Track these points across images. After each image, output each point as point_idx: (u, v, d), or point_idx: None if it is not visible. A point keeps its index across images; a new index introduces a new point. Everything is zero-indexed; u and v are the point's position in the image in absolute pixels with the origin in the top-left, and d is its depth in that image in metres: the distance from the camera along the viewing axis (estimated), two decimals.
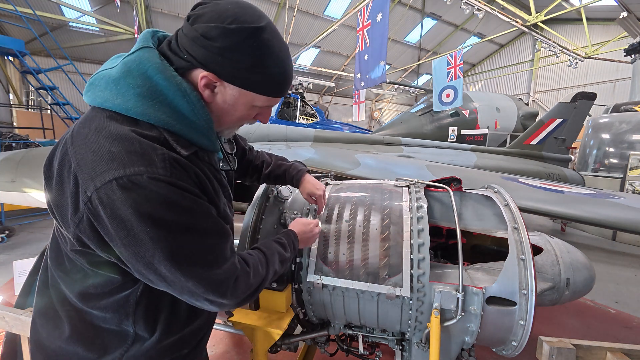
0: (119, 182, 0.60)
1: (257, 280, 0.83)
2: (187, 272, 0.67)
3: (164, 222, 0.64)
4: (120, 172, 0.61)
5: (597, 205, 2.62)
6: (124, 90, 0.67)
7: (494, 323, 1.21)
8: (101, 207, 0.61)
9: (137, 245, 0.63)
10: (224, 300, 0.73)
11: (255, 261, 0.86)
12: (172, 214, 0.65)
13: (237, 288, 0.76)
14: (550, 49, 10.54)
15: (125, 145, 0.63)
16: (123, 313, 0.75)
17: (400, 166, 3.86)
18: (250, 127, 4.51)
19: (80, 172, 0.63)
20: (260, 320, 1.29)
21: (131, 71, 0.68)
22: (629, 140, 6.42)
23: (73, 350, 0.76)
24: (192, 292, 0.69)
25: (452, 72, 7.24)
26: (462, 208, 1.50)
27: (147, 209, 0.62)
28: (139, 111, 0.67)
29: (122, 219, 0.61)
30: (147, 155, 0.64)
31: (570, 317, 2.96)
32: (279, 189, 1.52)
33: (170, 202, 0.65)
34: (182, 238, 0.66)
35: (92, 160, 0.62)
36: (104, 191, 0.61)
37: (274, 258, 0.93)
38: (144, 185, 0.62)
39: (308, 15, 14.88)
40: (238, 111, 0.79)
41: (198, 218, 0.70)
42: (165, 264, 0.64)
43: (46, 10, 10.40)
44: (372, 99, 22.70)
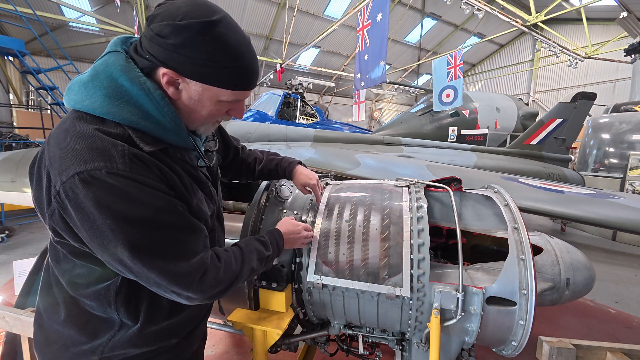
0: (80, 176, 0.64)
1: (229, 276, 0.84)
2: (148, 264, 0.69)
3: (123, 214, 0.66)
4: (82, 167, 0.65)
5: (597, 205, 2.62)
6: (92, 92, 0.71)
7: (494, 323, 1.21)
8: (67, 201, 0.66)
9: (100, 236, 0.66)
10: (189, 293, 0.75)
11: (229, 257, 0.86)
12: (131, 207, 0.67)
13: (203, 282, 0.77)
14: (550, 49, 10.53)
15: (88, 142, 0.67)
16: (105, 302, 0.78)
17: (400, 166, 3.86)
18: (250, 127, 4.51)
19: (51, 169, 0.68)
20: (260, 320, 1.29)
21: (98, 74, 0.73)
22: (629, 140, 6.43)
23: (67, 333, 0.81)
24: (158, 283, 0.72)
25: (452, 72, 7.23)
26: (462, 208, 1.50)
27: (106, 202, 0.65)
28: (105, 110, 0.71)
29: (85, 211, 0.65)
30: (107, 152, 0.67)
31: (570, 317, 2.96)
32: (278, 189, 1.52)
33: (129, 196, 0.67)
34: (142, 231, 0.69)
35: (59, 157, 0.67)
36: (68, 185, 0.65)
37: (251, 255, 0.94)
38: (102, 179, 0.65)
39: (308, 15, 14.88)
40: (205, 107, 0.80)
41: (159, 212, 0.71)
42: (127, 255, 0.67)
43: (46, 10, 10.40)
44: (372, 99, 22.70)
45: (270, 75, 15.21)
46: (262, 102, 9.81)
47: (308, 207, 1.49)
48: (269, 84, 15.70)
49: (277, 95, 9.67)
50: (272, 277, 1.34)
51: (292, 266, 1.39)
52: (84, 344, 0.80)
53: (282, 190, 1.51)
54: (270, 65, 15.78)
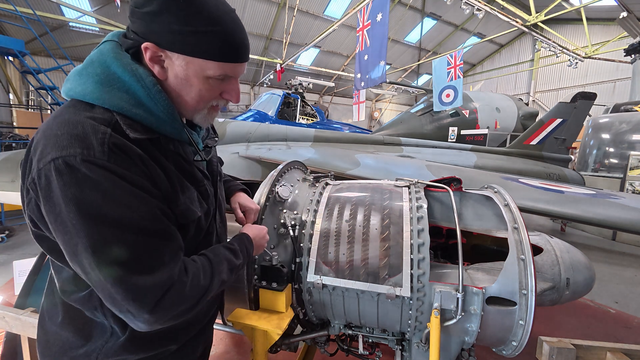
0: (55, 163, 0.60)
1: (196, 293, 0.72)
2: (106, 271, 0.61)
3: (88, 209, 0.60)
4: (58, 153, 0.61)
5: (597, 205, 2.62)
6: (85, 79, 0.70)
7: (494, 323, 1.21)
8: (39, 188, 0.63)
9: (63, 231, 0.62)
10: (146, 314, 0.64)
11: (197, 270, 0.75)
12: (100, 201, 0.61)
13: (165, 300, 0.65)
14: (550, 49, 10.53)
15: (70, 128, 0.64)
16: (91, 307, 0.75)
17: (400, 166, 3.86)
18: (250, 127, 4.51)
19: (34, 155, 0.65)
20: (260, 320, 1.29)
21: (92, 62, 0.72)
22: (629, 140, 6.43)
23: (65, 335, 0.79)
24: (113, 297, 0.63)
25: (452, 72, 7.23)
26: (462, 208, 1.50)
27: (74, 192, 0.60)
28: (95, 96, 0.69)
29: (53, 201, 0.61)
30: (87, 138, 0.63)
31: (570, 317, 2.96)
32: (278, 189, 1.52)
33: (100, 189, 0.61)
34: (106, 231, 0.61)
35: (42, 144, 0.64)
36: (43, 172, 0.62)
37: (221, 266, 0.82)
38: (76, 167, 0.60)
39: (308, 15, 14.88)
40: (194, 85, 0.74)
41: (131, 212, 0.64)
42: (85, 255, 0.61)
43: (46, 10, 10.40)
44: (372, 99, 22.70)
45: (270, 75, 15.20)
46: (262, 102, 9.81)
47: (309, 208, 1.49)
48: (269, 84, 15.70)
49: (277, 95, 9.68)
50: (272, 277, 1.34)
51: (292, 266, 1.38)
52: (79, 347, 0.78)
53: (282, 190, 1.51)
54: (270, 65, 15.79)
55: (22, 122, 9.80)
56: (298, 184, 1.64)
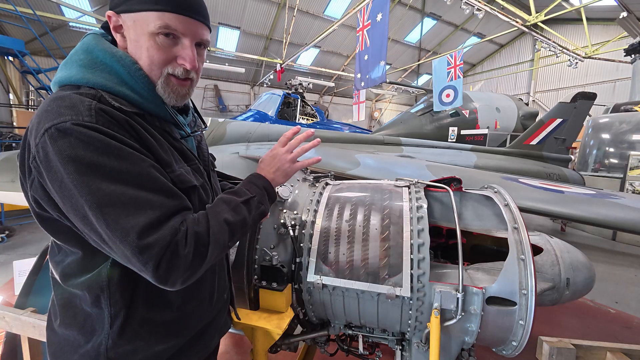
0: (49, 132, 0.63)
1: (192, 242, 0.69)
2: (114, 225, 0.63)
3: (86, 167, 0.63)
4: (49, 123, 0.64)
5: (597, 205, 2.62)
6: (69, 66, 0.75)
7: (494, 323, 1.21)
8: (39, 161, 0.64)
9: (69, 195, 0.63)
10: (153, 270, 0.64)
11: (192, 221, 0.73)
12: (96, 158, 0.63)
13: (167, 256, 0.66)
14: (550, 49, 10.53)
15: (58, 102, 0.67)
16: (97, 289, 0.73)
17: (400, 166, 3.86)
18: (250, 127, 4.50)
19: (30, 137, 0.67)
20: (260, 320, 1.29)
21: (77, 51, 0.77)
22: (629, 140, 6.43)
23: (70, 334, 0.78)
24: (125, 254, 0.64)
25: (452, 72, 7.23)
26: (462, 208, 1.50)
27: (68, 153, 0.62)
28: (79, 77, 0.72)
29: (54, 169, 0.63)
30: (75, 107, 0.66)
31: (570, 317, 2.96)
32: (278, 189, 1.52)
33: (94, 147, 0.64)
34: (107, 185, 0.63)
35: (36, 124, 0.66)
36: (40, 145, 0.64)
37: (217, 208, 0.80)
38: (68, 131, 0.63)
39: (308, 15, 14.88)
40: (143, 46, 0.74)
41: (127, 165, 0.66)
42: (93, 214, 0.63)
43: (46, 10, 10.39)
44: (372, 99, 22.69)
45: (270, 75, 15.20)
46: (262, 102, 9.82)
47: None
48: (269, 84, 15.70)
49: (277, 95, 9.68)
50: (272, 277, 1.34)
51: (292, 266, 1.39)
52: (86, 343, 0.76)
53: (282, 190, 1.51)
54: (270, 65, 15.79)
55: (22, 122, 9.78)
56: (298, 184, 1.64)
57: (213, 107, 16.83)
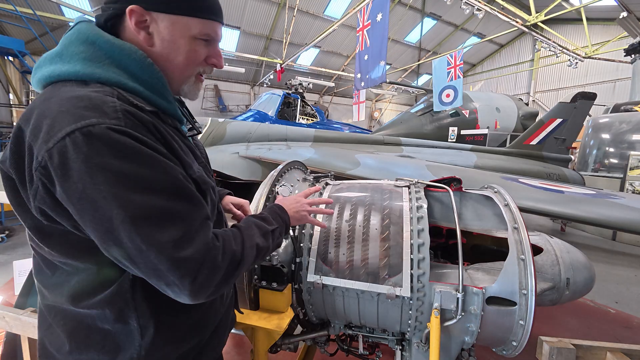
0: (71, 137, 0.55)
1: (229, 259, 0.70)
2: (148, 239, 0.58)
3: (118, 176, 0.57)
4: (71, 127, 0.56)
5: (597, 205, 2.62)
6: (68, 59, 0.66)
7: (494, 323, 1.21)
8: (52, 169, 0.56)
9: (93, 207, 0.56)
10: (189, 284, 0.61)
11: (227, 236, 0.73)
12: (128, 167, 0.58)
13: (204, 269, 0.64)
14: (550, 49, 10.52)
15: (74, 102, 0.59)
16: (121, 303, 0.68)
17: (400, 166, 3.86)
18: (250, 127, 4.51)
19: (35, 141, 0.58)
20: (260, 320, 1.29)
21: (72, 42, 0.67)
22: (629, 140, 6.43)
23: (86, 358, 0.70)
24: (157, 269, 0.59)
25: (452, 72, 7.24)
26: (462, 208, 1.50)
27: (98, 162, 0.56)
28: (88, 72, 0.64)
29: (73, 179, 0.55)
30: (98, 108, 0.59)
31: (570, 317, 2.96)
32: (278, 189, 1.52)
33: (126, 154, 0.58)
34: (141, 196, 0.59)
35: (45, 125, 0.58)
36: (56, 151, 0.56)
37: (250, 231, 0.80)
38: (95, 136, 0.56)
39: (308, 15, 14.87)
40: (180, 48, 0.73)
41: (159, 174, 0.62)
42: (124, 227, 0.57)
43: (46, 10, 10.39)
44: (372, 99, 22.69)
45: (270, 75, 15.20)
46: (262, 102, 9.82)
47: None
48: (269, 84, 15.70)
49: (277, 95, 9.69)
50: (272, 277, 1.34)
51: (292, 266, 1.39)
52: None
53: (282, 190, 1.51)
54: (270, 65, 15.79)
55: None
56: (298, 184, 1.64)
57: (213, 107, 16.83)
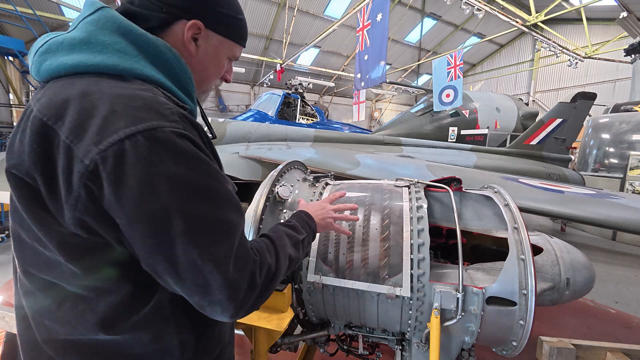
0: (132, 140, 0.50)
1: (266, 273, 0.66)
2: (205, 252, 0.54)
3: (181, 184, 0.53)
4: (132, 129, 0.51)
5: (597, 205, 2.62)
6: (100, 48, 0.58)
7: (494, 323, 1.21)
8: (104, 175, 0.50)
9: (148, 217, 0.51)
10: (236, 301, 0.57)
11: (262, 248, 0.69)
12: (190, 174, 0.55)
13: (252, 283, 0.60)
14: (550, 49, 10.51)
15: (126, 101, 0.54)
16: (161, 319, 0.63)
17: (400, 166, 3.86)
18: (250, 127, 4.51)
19: (77, 142, 0.51)
20: (260, 320, 1.29)
21: (100, 29, 0.59)
22: (629, 140, 6.42)
23: None
24: (207, 285, 0.55)
25: (452, 72, 7.24)
26: (462, 208, 1.50)
27: (162, 168, 0.52)
28: (127, 67, 0.58)
29: (129, 186, 0.50)
30: (155, 109, 0.55)
31: (570, 317, 2.96)
32: (278, 189, 1.52)
33: (185, 160, 0.55)
34: (202, 206, 0.55)
35: (93, 125, 0.51)
36: (110, 155, 0.50)
37: (282, 241, 0.77)
38: (159, 141, 0.52)
39: (308, 15, 14.87)
40: (219, 64, 0.78)
41: (216, 183, 0.59)
42: (181, 240, 0.52)
43: (46, 10, 10.40)
44: (372, 99, 22.69)
45: (270, 75, 15.20)
46: (262, 102, 9.82)
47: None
48: (269, 84, 15.70)
49: (277, 95, 9.68)
50: None
51: None
52: None
53: (282, 190, 1.51)
54: (270, 65, 15.79)
55: None
56: (298, 184, 1.64)
57: (213, 107, 16.83)
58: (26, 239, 0.59)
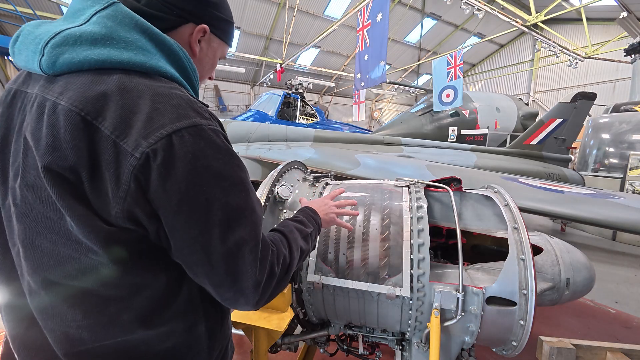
0: (177, 135, 0.54)
1: (282, 263, 0.70)
2: (241, 240, 0.59)
3: (220, 177, 0.58)
4: (177, 125, 0.55)
5: (597, 205, 2.62)
6: (125, 44, 0.58)
7: (494, 323, 1.21)
8: (153, 168, 0.53)
9: (191, 209, 0.55)
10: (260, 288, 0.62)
11: (275, 240, 0.74)
12: (226, 167, 0.60)
13: (272, 272, 0.65)
14: (550, 49, 10.52)
15: (166, 99, 0.57)
16: (192, 309, 0.67)
17: (400, 166, 3.86)
18: (250, 127, 4.51)
19: (124, 137, 0.52)
20: (260, 320, 1.29)
21: (119, 25, 0.59)
22: (629, 140, 6.42)
23: None
24: (237, 274, 0.59)
25: (452, 72, 7.24)
26: (462, 208, 1.50)
27: (204, 162, 0.56)
28: (153, 64, 0.60)
29: (177, 178, 0.54)
30: (193, 107, 0.59)
31: (570, 317, 2.96)
32: (278, 189, 1.52)
33: (224, 154, 0.60)
34: (237, 197, 0.60)
35: (139, 121, 0.53)
36: (160, 147, 0.53)
37: (294, 234, 0.81)
38: (200, 136, 0.56)
39: (308, 15, 14.87)
40: (213, 65, 0.83)
41: (244, 175, 0.64)
42: (221, 229, 0.57)
43: (46, 10, 10.40)
44: (372, 99, 22.69)
45: (270, 75, 15.20)
46: (262, 102, 9.82)
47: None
48: (269, 84, 15.70)
49: (277, 95, 9.69)
50: None
51: None
52: None
53: (282, 190, 1.51)
54: (270, 65, 15.79)
55: None
56: (298, 184, 1.64)
57: (213, 107, 16.83)
58: (48, 245, 0.57)
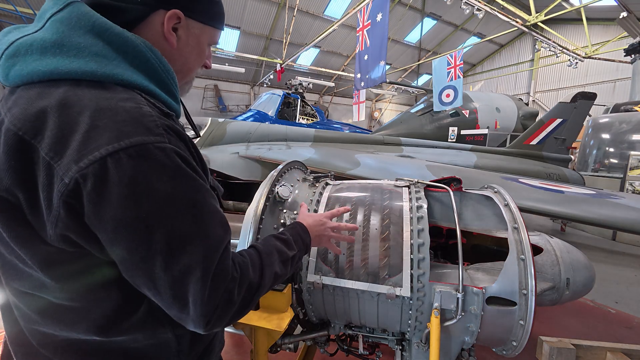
0: (114, 157, 0.49)
1: (246, 289, 0.64)
2: (185, 269, 0.54)
3: (165, 202, 0.53)
4: (115, 146, 0.49)
5: (597, 205, 2.62)
6: (75, 51, 0.54)
7: (494, 323, 1.21)
8: (85, 192, 0.49)
9: (130, 235, 0.51)
10: (211, 314, 0.57)
11: (245, 264, 0.67)
12: (174, 191, 0.54)
13: (227, 297, 0.59)
14: (550, 49, 10.53)
15: (109, 115, 0.51)
16: (154, 322, 0.64)
17: (400, 166, 3.86)
18: (250, 127, 4.51)
19: (57, 159, 0.49)
20: (260, 320, 1.29)
21: (73, 29, 0.55)
22: (629, 140, 6.42)
23: None
24: (183, 300, 0.55)
25: (452, 72, 7.24)
26: (462, 208, 1.50)
27: (146, 186, 0.51)
28: (106, 72, 0.55)
29: (112, 203, 0.49)
30: (139, 122, 0.53)
31: (570, 317, 2.96)
32: (278, 189, 1.52)
33: (172, 176, 0.54)
34: (184, 224, 0.55)
35: (74, 142, 0.49)
36: (91, 172, 0.48)
37: (271, 258, 0.75)
38: (142, 157, 0.51)
39: (308, 15, 14.87)
40: (202, 51, 0.76)
41: (201, 198, 0.58)
42: (162, 258, 0.53)
43: None
44: (372, 99, 22.70)
45: (270, 75, 15.21)
46: (262, 102, 9.83)
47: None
48: (269, 84, 15.71)
49: (277, 95, 9.69)
50: None
51: None
52: None
53: (282, 190, 1.51)
54: (270, 65, 15.79)
55: None
56: (298, 184, 1.64)
57: (213, 107, 16.83)
58: (5, 254, 0.57)
